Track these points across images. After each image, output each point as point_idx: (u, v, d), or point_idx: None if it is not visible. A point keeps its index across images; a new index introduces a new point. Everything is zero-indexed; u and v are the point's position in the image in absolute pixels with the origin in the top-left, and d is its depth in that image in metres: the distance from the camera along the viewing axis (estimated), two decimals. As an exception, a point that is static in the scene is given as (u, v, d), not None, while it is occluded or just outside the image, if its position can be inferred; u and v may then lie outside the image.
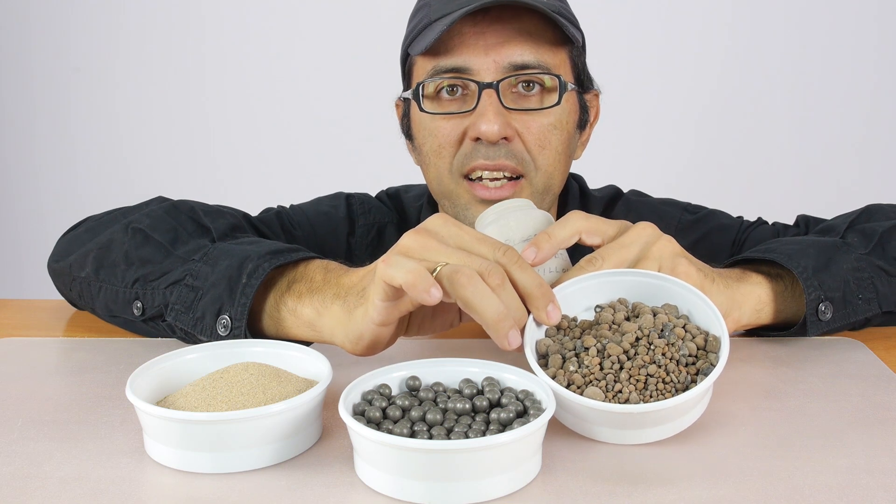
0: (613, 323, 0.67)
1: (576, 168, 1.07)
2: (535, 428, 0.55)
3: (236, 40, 2.63)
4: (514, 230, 0.78)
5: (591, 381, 0.62)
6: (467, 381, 0.64)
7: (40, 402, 0.70)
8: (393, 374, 0.64)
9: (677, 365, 0.63)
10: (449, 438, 0.57)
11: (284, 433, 0.59)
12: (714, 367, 0.63)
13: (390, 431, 0.57)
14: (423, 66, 0.97)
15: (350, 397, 0.60)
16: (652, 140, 2.58)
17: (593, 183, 1.18)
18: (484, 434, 0.57)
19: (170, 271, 0.83)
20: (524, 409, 0.60)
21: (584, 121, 1.04)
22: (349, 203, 1.14)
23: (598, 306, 0.70)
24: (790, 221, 1.10)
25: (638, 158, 2.51)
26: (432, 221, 0.69)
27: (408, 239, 0.67)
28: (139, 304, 0.84)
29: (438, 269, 0.63)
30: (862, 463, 0.60)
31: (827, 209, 1.11)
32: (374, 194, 1.19)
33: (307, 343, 0.77)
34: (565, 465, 0.59)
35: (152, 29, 2.63)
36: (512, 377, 0.64)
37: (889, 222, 0.89)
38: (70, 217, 1.02)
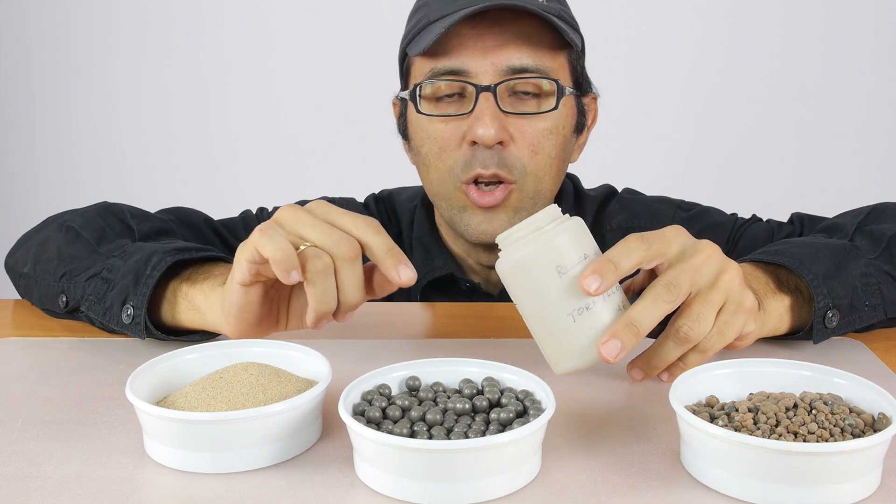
0: (770, 397, 0.61)
1: (571, 168, 1.08)
2: (535, 428, 0.55)
3: (236, 40, 2.63)
4: (564, 254, 0.66)
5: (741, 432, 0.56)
6: (467, 381, 0.64)
7: (40, 402, 0.70)
8: (393, 374, 0.64)
9: (842, 433, 0.56)
10: (449, 438, 0.57)
11: (284, 433, 0.59)
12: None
13: (390, 431, 0.57)
14: (420, 67, 0.97)
15: (350, 397, 0.60)
16: (648, 140, 2.58)
17: (589, 182, 1.18)
18: (484, 434, 0.57)
19: (91, 266, 0.87)
20: (524, 409, 0.60)
21: (581, 124, 1.03)
22: None
23: (750, 393, 0.64)
24: (784, 220, 1.10)
25: (634, 158, 2.51)
26: (314, 202, 0.72)
27: (282, 211, 0.71)
28: (64, 298, 0.88)
29: (302, 248, 0.68)
30: (862, 463, 0.60)
31: (824, 209, 1.11)
32: (368, 195, 1.19)
33: (196, 332, 0.83)
34: (565, 465, 0.59)
35: (152, 29, 2.63)
36: (512, 377, 0.64)
37: None
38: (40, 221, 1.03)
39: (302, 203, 0.76)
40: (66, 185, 2.71)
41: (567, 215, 0.68)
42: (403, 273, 0.69)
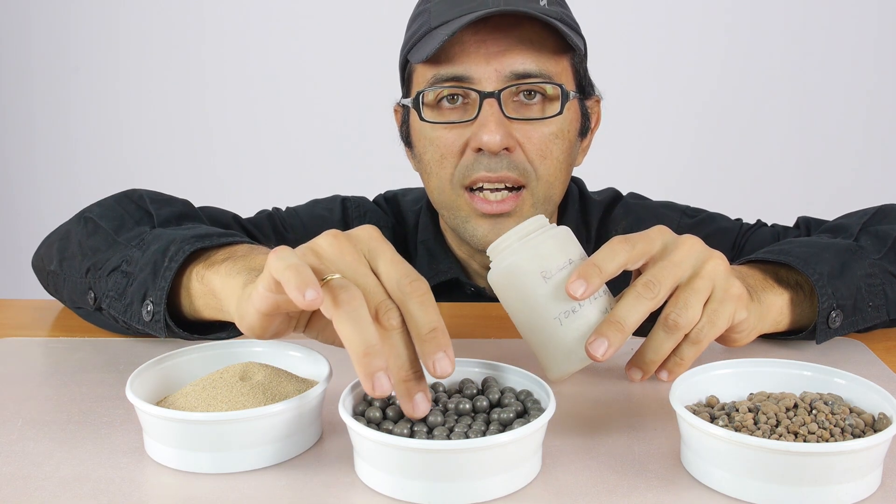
0: (770, 397, 0.61)
1: (575, 171, 1.08)
2: (535, 428, 0.55)
3: (236, 40, 2.63)
4: (548, 259, 0.66)
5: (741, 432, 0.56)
6: (468, 381, 0.64)
7: (40, 402, 0.70)
8: (393, 374, 0.64)
9: (842, 433, 0.56)
10: (449, 438, 0.57)
11: (284, 433, 0.59)
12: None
13: (390, 431, 0.57)
14: (423, 74, 0.96)
15: (350, 397, 0.60)
16: (651, 142, 2.58)
17: (592, 186, 1.18)
18: (484, 434, 0.57)
19: (111, 258, 0.82)
20: (524, 409, 0.60)
21: (585, 128, 1.03)
22: (345, 206, 1.14)
23: (751, 393, 0.64)
24: (788, 223, 1.10)
25: (637, 161, 2.51)
26: (363, 230, 0.61)
27: (325, 240, 0.60)
28: (92, 294, 0.84)
29: (329, 277, 0.57)
30: (862, 463, 0.60)
31: (826, 210, 1.11)
32: (371, 198, 1.19)
33: (214, 323, 0.77)
34: (565, 465, 0.59)
35: (152, 28, 2.63)
36: (512, 377, 0.64)
37: None
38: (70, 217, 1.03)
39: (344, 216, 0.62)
40: (66, 184, 2.71)
41: (554, 224, 0.69)
42: (440, 366, 0.56)
